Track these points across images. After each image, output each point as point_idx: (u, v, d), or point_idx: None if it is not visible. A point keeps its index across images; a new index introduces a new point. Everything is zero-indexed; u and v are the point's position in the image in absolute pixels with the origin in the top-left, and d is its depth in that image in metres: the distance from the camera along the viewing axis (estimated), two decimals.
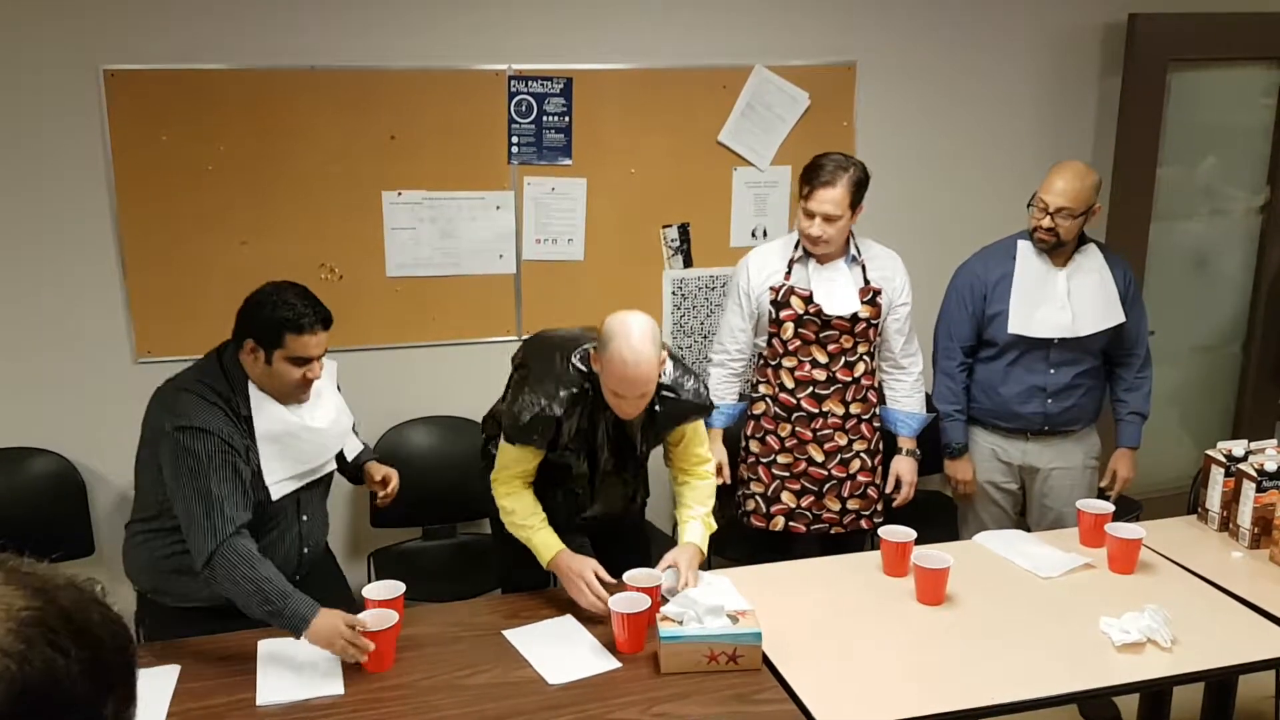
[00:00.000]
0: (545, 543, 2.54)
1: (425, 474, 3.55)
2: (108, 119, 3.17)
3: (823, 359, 3.11)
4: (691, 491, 2.72)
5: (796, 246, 3.12)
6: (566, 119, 3.54)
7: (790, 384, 3.13)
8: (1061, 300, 3.17)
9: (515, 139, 3.52)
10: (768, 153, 3.75)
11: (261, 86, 3.27)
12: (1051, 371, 3.23)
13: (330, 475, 2.69)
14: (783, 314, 3.09)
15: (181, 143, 3.24)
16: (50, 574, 0.88)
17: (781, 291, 3.09)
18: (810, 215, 3.00)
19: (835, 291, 3.08)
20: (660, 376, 2.44)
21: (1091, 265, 3.22)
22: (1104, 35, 4.03)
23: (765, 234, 3.81)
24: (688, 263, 3.77)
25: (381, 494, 2.76)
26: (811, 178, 3.00)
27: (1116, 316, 3.20)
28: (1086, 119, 4.11)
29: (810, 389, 3.12)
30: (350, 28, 3.31)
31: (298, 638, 2.24)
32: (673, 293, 3.78)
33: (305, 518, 2.60)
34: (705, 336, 3.85)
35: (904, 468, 3.26)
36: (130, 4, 3.12)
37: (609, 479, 2.70)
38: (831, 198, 2.96)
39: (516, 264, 3.61)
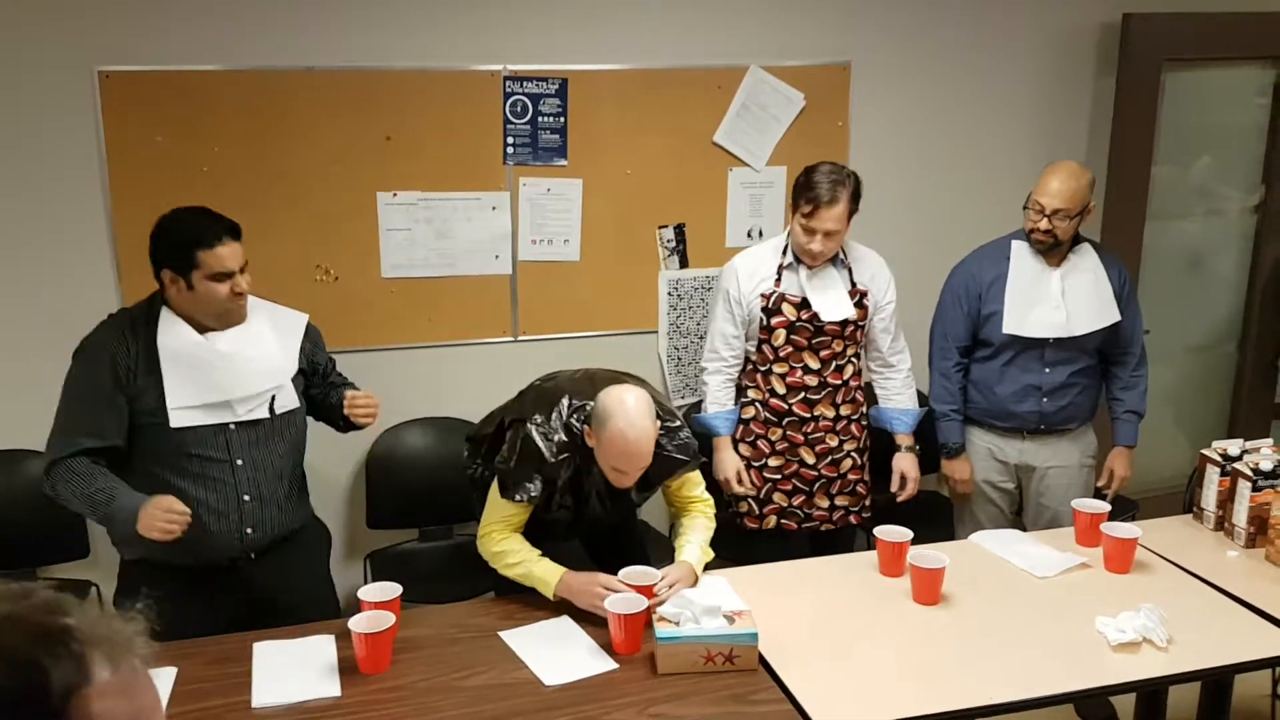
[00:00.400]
0: (546, 570, 2.51)
1: (422, 475, 3.55)
2: (102, 120, 3.17)
3: (815, 365, 3.11)
4: (690, 520, 2.73)
5: (785, 252, 3.12)
6: (562, 120, 3.54)
7: (782, 389, 3.13)
8: (1056, 300, 3.18)
9: (511, 139, 3.52)
10: (763, 153, 3.76)
11: (256, 87, 3.27)
12: (1047, 371, 3.23)
13: (278, 426, 2.59)
14: (774, 321, 3.09)
15: (176, 144, 3.24)
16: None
17: (773, 299, 3.09)
18: (811, 233, 2.98)
19: (829, 298, 3.08)
20: None
21: (1086, 264, 3.22)
22: (1099, 35, 4.03)
23: (761, 234, 3.81)
24: (684, 263, 3.77)
25: (362, 406, 2.67)
26: (812, 197, 2.95)
27: (1111, 315, 3.21)
28: (1081, 119, 4.12)
29: (802, 394, 3.12)
30: (345, 28, 3.31)
31: (132, 531, 2.32)
32: (669, 293, 3.78)
33: (240, 462, 2.52)
34: (701, 337, 3.85)
35: (907, 464, 3.26)
36: (125, 5, 3.12)
37: (598, 519, 2.70)
38: (834, 215, 2.95)
39: (512, 265, 3.61)
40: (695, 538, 2.66)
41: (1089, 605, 2.45)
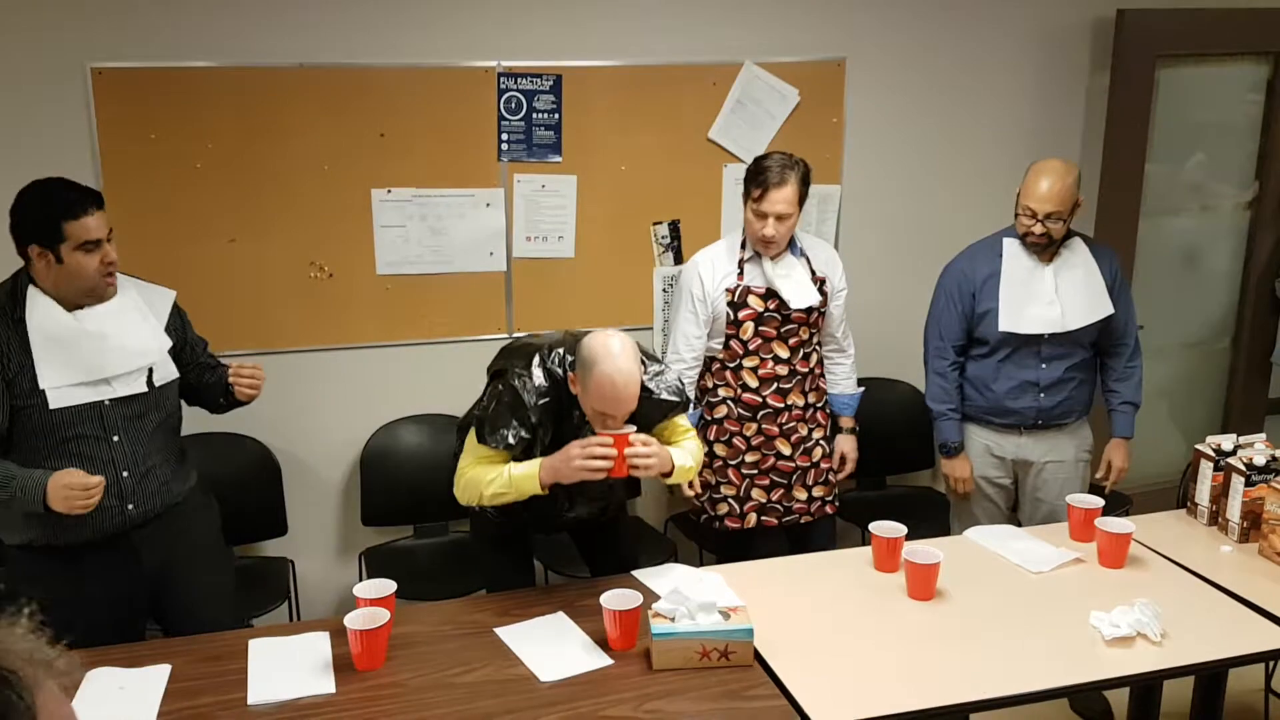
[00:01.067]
0: (524, 469, 2.47)
1: (416, 472, 3.55)
2: (95, 118, 3.16)
3: (784, 354, 3.16)
4: (681, 443, 2.69)
5: (744, 246, 3.16)
6: (556, 116, 3.54)
7: (754, 383, 3.16)
8: (1050, 296, 3.18)
9: (505, 136, 3.51)
10: (758, 149, 3.74)
11: (250, 84, 3.26)
12: (1043, 366, 3.24)
13: (154, 400, 2.56)
14: (741, 314, 3.12)
15: (170, 141, 3.23)
16: None
17: (738, 292, 3.12)
18: (763, 217, 3.03)
19: (795, 286, 3.13)
20: None
21: (1077, 259, 3.23)
22: (1093, 30, 4.04)
23: None
24: (678, 259, 3.77)
25: (248, 377, 2.65)
26: (761, 180, 3.02)
27: (1105, 309, 3.22)
28: (1075, 114, 4.12)
29: (774, 385, 3.17)
30: (339, 25, 3.30)
31: (46, 511, 2.33)
32: (663, 290, 3.78)
33: (116, 439, 2.49)
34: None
35: (848, 445, 3.39)
36: (118, 2, 3.11)
37: (588, 498, 2.67)
38: (784, 197, 3.01)
39: (507, 261, 3.61)
40: (685, 446, 2.66)
41: (1083, 600, 2.45)
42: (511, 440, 2.46)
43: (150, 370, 2.55)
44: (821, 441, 3.28)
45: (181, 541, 2.64)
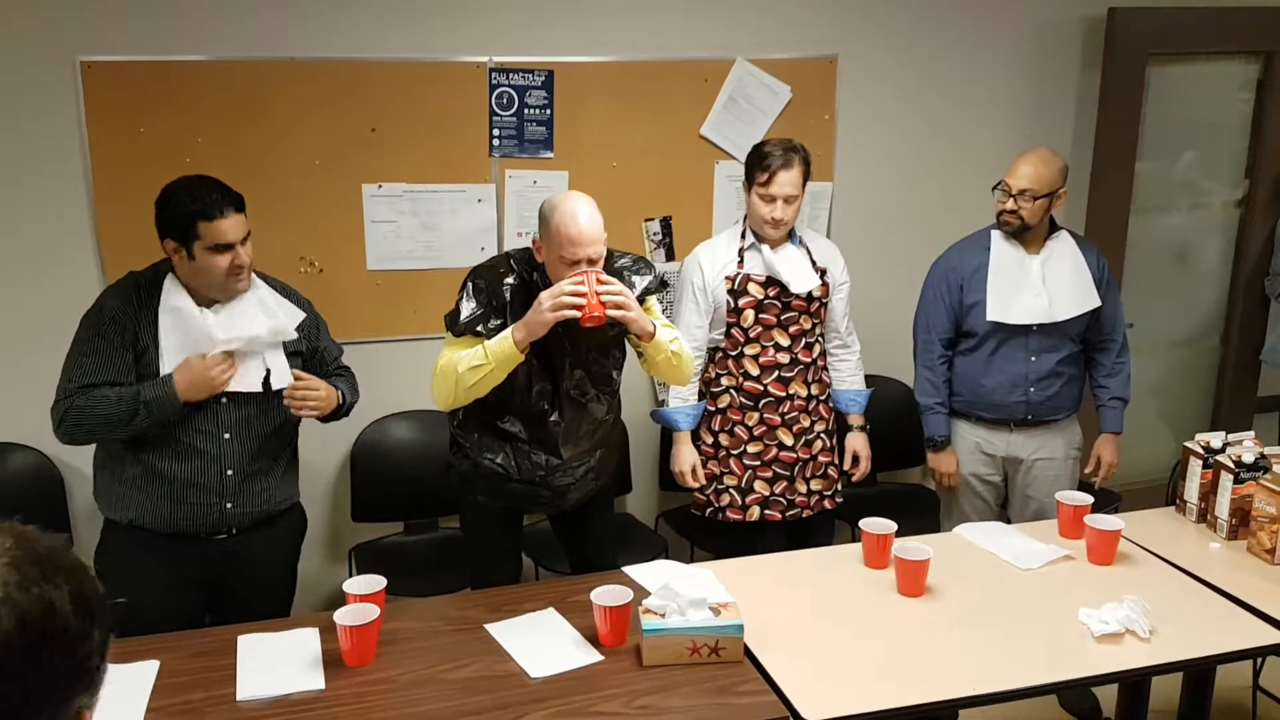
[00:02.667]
0: (499, 338, 2.51)
1: (407, 468, 3.55)
2: (84, 111, 3.15)
3: (785, 341, 3.17)
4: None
5: (744, 236, 3.17)
6: (548, 111, 3.53)
7: (755, 370, 3.17)
8: (1037, 286, 3.20)
9: (496, 131, 3.51)
10: (749, 146, 3.74)
11: (240, 78, 3.25)
12: (1033, 359, 3.25)
13: (270, 402, 2.61)
14: (741, 302, 3.13)
15: (159, 135, 3.22)
16: (25, 527, 0.99)
17: (738, 280, 3.13)
18: (771, 200, 3.04)
19: (797, 271, 3.14)
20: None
21: (1065, 251, 3.24)
22: (1084, 29, 4.05)
23: None
24: (670, 256, 3.77)
25: (300, 395, 2.60)
26: (767, 164, 3.04)
27: (1092, 300, 3.23)
28: (1067, 112, 4.13)
29: (776, 373, 3.17)
30: (330, 19, 3.29)
31: (180, 407, 2.45)
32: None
33: (227, 436, 2.56)
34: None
35: (860, 443, 3.37)
36: None
37: (576, 409, 2.67)
38: (791, 179, 3.03)
39: None
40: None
41: (1072, 597, 2.46)
42: (478, 314, 2.52)
43: (268, 373, 2.58)
44: (823, 435, 3.28)
45: (261, 560, 2.67)
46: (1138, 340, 3.68)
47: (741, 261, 3.15)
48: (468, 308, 2.56)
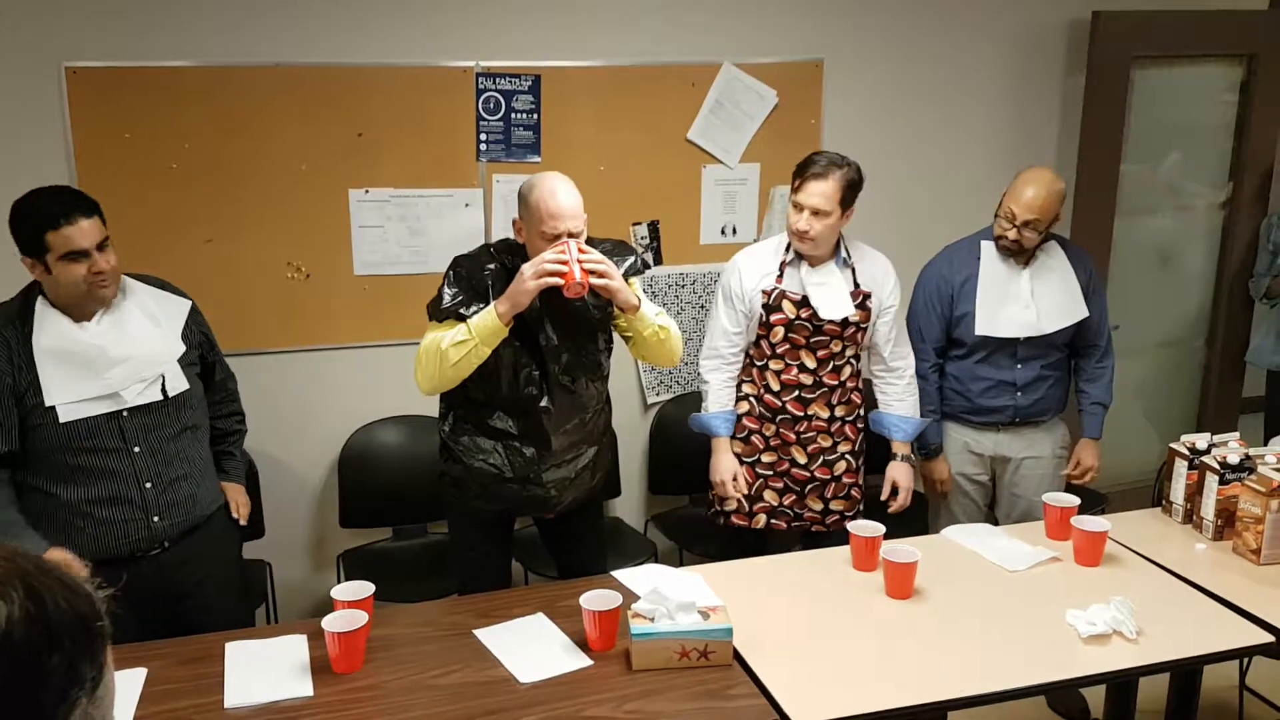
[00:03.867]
0: (481, 312, 2.50)
1: (395, 473, 3.54)
2: (69, 117, 3.13)
3: (811, 364, 3.08)
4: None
5: (788, 249, 3.07)
6: (535, 116, 3.53)
7: (776, 386, 3.11)
8: (1026, 300, 3.21)
9: (484, 136, 3.50)
10: (736, 150, 3.76)
11: (227, 83, 3.24)
12: (1019, 367, 3.26)
13: (172, 408, 2.54)
14: (773, 318, 3.05)
15: (145, 141, 3.21)
16: (14, 549, 0.92)
17: (773, 295, 3.04)
18: (799, 208, 2.95)
19: (829, 296, 3.03)
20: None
21: (1053, 263, 3.26)
22: (1069, 32, 4.07)
23: (735, 231, 3.82)
24: (658, 260, 3.77)
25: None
26: (803, 170, 2.95)
27: (1080, 312, 3.24)
28: (1051, 116, 4.15)
29: (796, 392, 3.10)
30: (316, 24, 3.29)
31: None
32: (643, 290, 3.77)
33: (137, 449, 2.48)
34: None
35: (900, 474, 3.21)
36: (93, 1, 3.08)
37: (565, 394, 2.66)
38: (821, 190, 2.91)
39: None
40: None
41: (1059, 598, 2.47)
42: (460, 293, 2.53)
43: (164, 378, 2.52)
44: (847, 455, 3.16)
45: (204, 566, 2.63)
46: (1123, 342, 3.70)
47: (781, 275, 3.06)
48: (449, 293, 2.56)
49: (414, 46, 3.39)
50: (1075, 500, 2.84)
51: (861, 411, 3.21)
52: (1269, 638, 2.35)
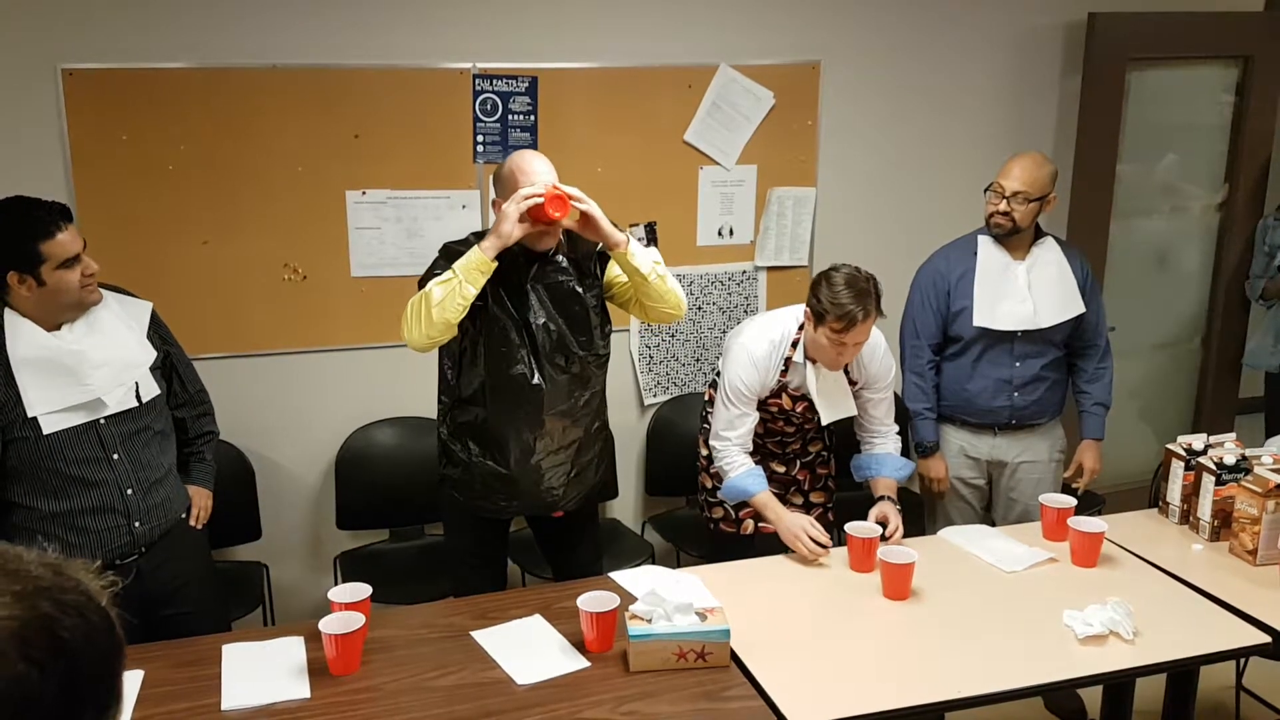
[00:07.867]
0: (470, 250, 2.50)
1: (392, 475, 3.54)
2: (66, 119, 3.13)
3: (791, 431, 3.06)
4: None
5: (795, 345, 2.93)
6: (532, 118, 3.53)
7: (759, 430, 3.02)
8: (1023, 293, 3.21)
9: (480, 138, 3.50)
10: (733, 152, 3.76)
11: (223, 85, 3.24)
12: (1017, 365, 3.26)
13: (146, 413, 2.54)
14: (769, 399, 2.97)
15: (142, 142, 3.20)
16: (42, 573, 0.86)
17: (775, 389, 2.96)
18: (843, 345, 2.77)
19: (834, 399, 2.96)
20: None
21: (1050, 258, 3.26)
22: (1065, 34, 4.07)
23: (732, 233, 3.82)
24: None
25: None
26: (844, 315, 2.69)
27: (1076, 307, 3.25)
28: (1048, 117, 4.15)
29: (778, 437, 3.09)
30: (313, 26, 3.29)
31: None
32: None
33: (116, 456, 2.47)
34: (672, 335, 3.86)
35: (889, 512, 2.92)
36: (89, 2, 3.08)
37: (556, 370, 2.64)
38: (869, 328, 2.78)
39: None
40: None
41: (1056, 599, 2.47)
42: (446, 269, 2.51)
43: (137, 384, 2.52)
44: (823, 454, 3.15)
45: (184, 564, 2.63)
46: (1120, 343, 3.70)
47: (785, 370, 2.93)
48: (436, 270, 2.56)
49: (410, 48, 3.38)
50: (1072, 501, 2.84)
51: (855, 459, 3.14)
52: (1265, 638, 2.35)
